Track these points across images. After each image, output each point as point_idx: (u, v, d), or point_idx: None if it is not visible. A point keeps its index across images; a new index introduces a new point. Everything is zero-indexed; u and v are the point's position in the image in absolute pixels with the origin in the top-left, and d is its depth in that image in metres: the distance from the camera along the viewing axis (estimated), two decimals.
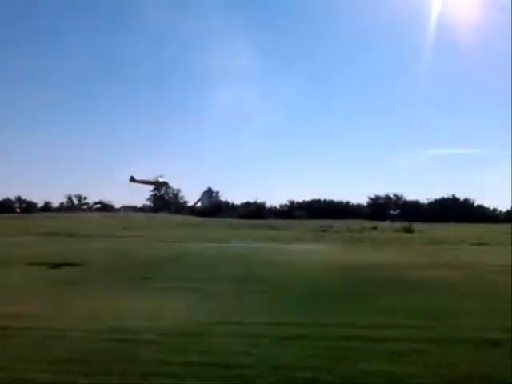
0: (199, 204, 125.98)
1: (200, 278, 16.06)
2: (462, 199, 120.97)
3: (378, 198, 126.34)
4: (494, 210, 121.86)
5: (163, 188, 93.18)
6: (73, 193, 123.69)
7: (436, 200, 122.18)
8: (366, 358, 7.22)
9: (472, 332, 8.80)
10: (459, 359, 7.23)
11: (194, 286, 14.37)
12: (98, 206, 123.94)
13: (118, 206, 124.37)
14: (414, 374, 6.51)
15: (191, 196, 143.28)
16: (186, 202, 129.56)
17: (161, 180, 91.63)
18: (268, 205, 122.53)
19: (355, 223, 71.48)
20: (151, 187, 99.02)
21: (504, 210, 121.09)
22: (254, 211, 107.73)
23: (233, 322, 9.55)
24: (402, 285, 15.27)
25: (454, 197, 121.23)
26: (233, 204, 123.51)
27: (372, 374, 6.53)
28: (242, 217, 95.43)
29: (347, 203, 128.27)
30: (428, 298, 12.85)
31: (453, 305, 11.78)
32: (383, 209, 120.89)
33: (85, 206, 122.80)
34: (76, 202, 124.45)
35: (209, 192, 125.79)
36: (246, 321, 9.62)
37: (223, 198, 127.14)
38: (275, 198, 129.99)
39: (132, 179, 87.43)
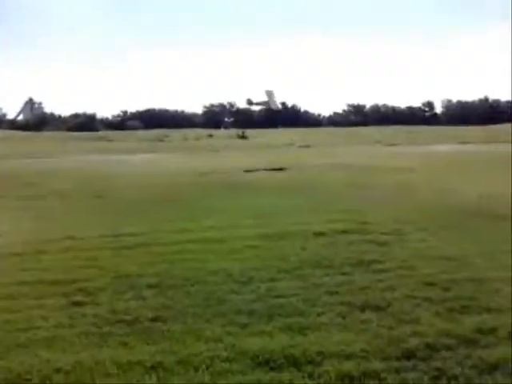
0: (21, 117, 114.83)
1: (27, 196, 15.00)
2: (289, 105, 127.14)
3: (212, 105, 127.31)
4: (319, 115, 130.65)
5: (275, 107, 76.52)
6: None
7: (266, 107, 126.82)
8: (204, 259, 7.49)
9: (300, 226, 9.55)
10: (290, 250, 7.87)
11: (22, 204, 13.41)
12: None
13: None
14: (250, 268, 6.93)
15: (11, 108, 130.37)
16: (4, 115, 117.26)
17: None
18: (99, 116, 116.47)
19: (191, 132, 71.78)
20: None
21: (327, 115, 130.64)
22: (84, 123, 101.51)
23: (68, 237, 9.15)
24: (236, 187, 15.94)
25: (283, 103, 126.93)
26: (60, 116, 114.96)
27: (211, 272, 6.81)
28: (71, 129, 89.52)
29: (182, 112, 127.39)
30: (260, 198, 13.63)
31: (282, 202, 12.65)
32: (218, 117, 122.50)
33: None
34: None
35: (30, 103, 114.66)
36: (82, 235, 9.29)
37: (47, 109, 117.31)
38: (106, 109, 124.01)
39: (250, 102, 72.52)
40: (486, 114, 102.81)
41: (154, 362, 4.36)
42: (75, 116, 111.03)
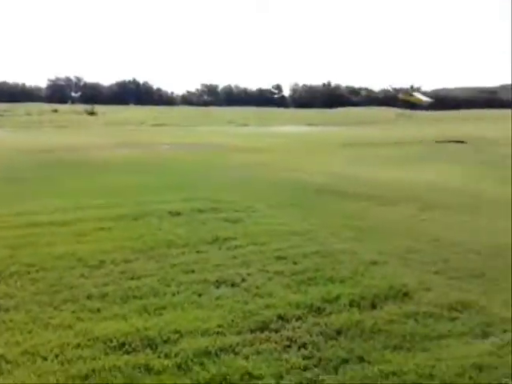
0: None
1: None
2: (141, 82, 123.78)
3: (57, 79, 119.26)
4: (172, 93, 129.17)
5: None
6: None
7: (117, 82, 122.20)
8: (51, 243, 6.99)
9: (154, 205, 9.36)
10: (145, 231, 7.68)
11: None
12: None
13: None
14: (102, 251, 6.62)
15: None
16: None
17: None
18: None
19: (34, 106, 66.81)
20: None
21: (180, 93, 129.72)
22: None
23: None
24: (87, 166, 15.20)
25: (134, 80, 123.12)
26: None
27: (59, 257, 6.38)
28: None
29: (23, 85, 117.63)
30: (113, 176, 13.13)
31: (136, 182, 12.32)
32: (64, 91, 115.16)
33: None
34: None
35: None
36: None
37: None
38: None
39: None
40: (328, 97, 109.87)
41: None
42: None
